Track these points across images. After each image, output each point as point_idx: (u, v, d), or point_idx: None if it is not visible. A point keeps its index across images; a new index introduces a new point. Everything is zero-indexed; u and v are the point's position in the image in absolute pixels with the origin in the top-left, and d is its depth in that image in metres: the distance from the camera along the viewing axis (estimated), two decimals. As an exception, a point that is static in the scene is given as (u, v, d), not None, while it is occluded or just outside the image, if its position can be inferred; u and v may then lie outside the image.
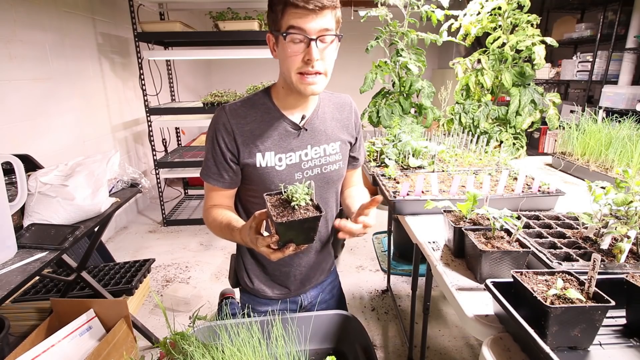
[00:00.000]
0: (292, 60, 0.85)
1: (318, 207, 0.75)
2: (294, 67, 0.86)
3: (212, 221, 0.96)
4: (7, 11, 2.24)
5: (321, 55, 0.85)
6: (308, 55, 0.83)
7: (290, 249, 0.75)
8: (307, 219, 0.72)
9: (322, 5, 0.80)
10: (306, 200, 0.76)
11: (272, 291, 1.11)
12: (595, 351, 0.68)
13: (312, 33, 0.82)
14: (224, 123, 0.94)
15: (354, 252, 2.99)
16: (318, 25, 0.82)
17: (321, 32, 0.82)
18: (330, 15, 0.83)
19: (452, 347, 1.96)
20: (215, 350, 0.73)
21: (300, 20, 0.81)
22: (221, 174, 0.97)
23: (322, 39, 0.83)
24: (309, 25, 0.81)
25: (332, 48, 0.87)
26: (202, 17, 3.86)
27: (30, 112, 2.41)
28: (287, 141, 0.96)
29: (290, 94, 0.94)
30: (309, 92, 0.89)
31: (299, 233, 0.74)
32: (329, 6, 0.82)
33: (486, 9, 2.11)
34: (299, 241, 0.76)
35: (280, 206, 0.76)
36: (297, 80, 0.87)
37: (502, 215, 0.92)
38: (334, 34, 0.85)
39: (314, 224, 0.74)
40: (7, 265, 1.07)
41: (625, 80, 3.44)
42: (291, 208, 0.75)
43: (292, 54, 0.84)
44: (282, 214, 0.73)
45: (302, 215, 0.73)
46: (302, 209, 0.75)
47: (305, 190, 0.77)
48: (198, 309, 0.96)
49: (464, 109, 2.20)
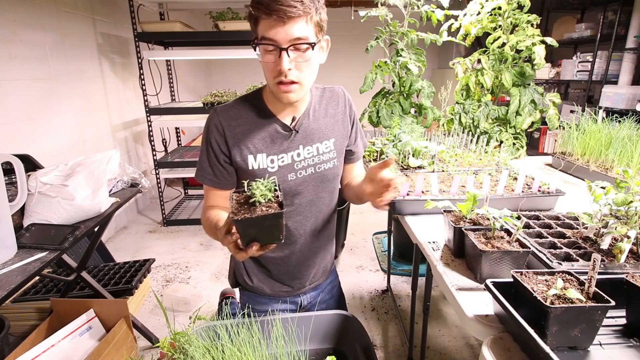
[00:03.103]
0: (268, 68, 0.85)
1: (281, 203, 0.72)
2: (271, 76, 0.86)
3: (205, 221, 0.96)
4: (7, 11, 2.24)
5: (295, 64, 0.84)
6: (279, 66, 0.83)
7: (253, 248, 0.72)
8: (266, 216, 0.68)
9: (289, 14, 0.78)
10: (268, 196, 0.73)
11: (272, 289, 1.11)
12: (595, 351, 0.68)
13: (283, 43, 0.81)
14: (215, 124, 0.94)
15: (354, 252, 2.99)
16: (288, 35, 0.80)
17: (292, 41, 0.81)
18: (302, 23, 0.81)
19: (452, 347, 1.96)
20: (215, 350, 0.73)
21: (271, 31, 0.80)
22: (215, 174, 0.97)
23: (293, 48, 0.82)
24: (278, 36, 0.80)
25: (307, 56, 0.84)
26: (202, 17, 3.86)
27: (30, 112, 2.41)
28: (278, 142, 0.96)
29: (276, 98, 0.94)
30: (286, 101, 0.90)
31: (261, 231, 0.71)
32: (299, 14, 0.79)
33: (486, 9, 2.11)
34: (264, 240, 0.73)
35: (245, 204, 0.73)
36: (276, 89, 0.88)
37: (502, 215, 0.92)
38: (307, 43, 0.82)
39: (275, 222, 0.70)
40: (7, 265, 1.07)
41: (625, 80, 3.44)
42: (252, 205, 0.72)
43: (266, 63, 0.85)
44: (242, 211, 0.71)
45: (261, 212, 0.69)
46: (264, 205, 0.72)
47: (268, 186, 0.74)
48: (198, 309, 0.96)
49: (464, 109, 2.20)
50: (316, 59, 0.89)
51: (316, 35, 0.85)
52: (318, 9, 0.84)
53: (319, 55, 0.90)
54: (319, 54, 0.90)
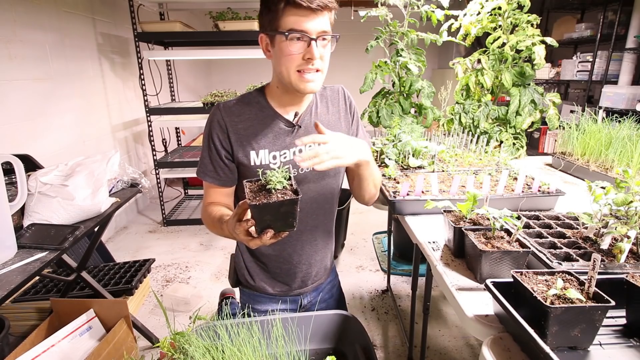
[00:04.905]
0: (292, 58, 0.86)
1: (296, 191, 0.73)
2: (293, 65, 0.87)
3: (207, 217, 0.97)
4: (7, 11, 2.24)
5: (320, 54, 0.86)
6: (309, 55, 0.85)
7: (267, 235, 0.73)
8: (282, 202, 0.70)
9: (324, 5, 0.82)
10: (283, 183, 0.75)
11: (273, 288, 1.11)
12: (595, 351, 0.68)
13: (313, 33, 0.84)
14: (218, 121, 0.95)
15: (354, 252, 2.99)
16: (318, 25, 0.84)
17: (321, 32, 0.85)
18: (327, 17, 0.86)
19: (452, 347, 1.96)
20: (215, 350, 0.73)
21: (301, 20, 0.82)
22: (217, 171, 0.98)
23: (321, 39, 0.86)
24: (309, 25, 0.83)
25: (329, 48, 0.90)
26: (202, 17, 3.86)
27: (30, 112, 2.41)
28: (281, 139, 0.97)
29: (285, 93, 0.95)
30: (308, 90, 0.90)
31: (276, 218, 0.73)
32: (330, 7, 0.84)
33: (486, 9, 2.11)
34: (278, 227, 0.74)
35: (259, 191, 0.75)
36: (296, 78, 0.88)
37: (502, 215, 0.92)
38: (331, 34, 0.87)
39: (291, 208, 0.72)
40: (7, 265, 1.07)
41: (625, 80, 3.44)
42: (267, 192, 0.73)
43: (291, 52, 0.85)
44: (258, 197, 0.72)
45: (277, 198, 0.71)
46: (279, 192, 0.73)
47: (284, 174, 0.76)
48: (198, 309, 0.96)
49: (464, 109, 2.20)
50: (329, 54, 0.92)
51: None
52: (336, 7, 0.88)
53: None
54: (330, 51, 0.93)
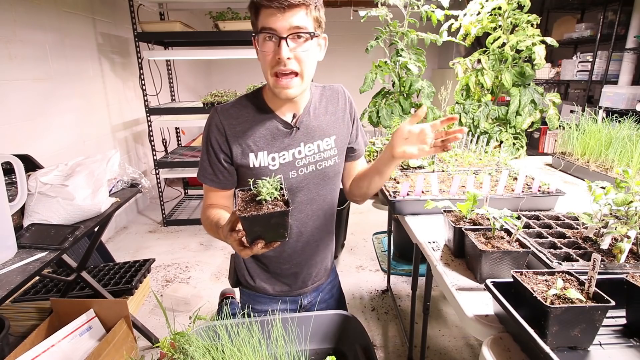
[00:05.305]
0: (265, 60, 0.86)
1: (287, 202, 0.73)
2: (268, 68, 0.87)
3: (205, 220, 0.97)
4: (7, 11, 2.24)
5: (294, 54, 0.84)
6: (278, 54, 0.83)
7: (258, 245, 0.73)
8: (272, 214, 0.70)
9: (288, 3, 0.80)
10: (274, 195, 0.74)
11: (274, 288, 1.11)
12: (595, 351, 0.68)
13: (282, 31, 0.82)
14: (216, 124, 0.95)
15: (354, 252, 2.99)
16: (287, 23, 0.81)
17: (291, 29, 0.82)
18: (303, 14, 0.83)
19: (452, 347, 1.96)
20: (215, 350, 0.73)
21: (270, 19, 0.81)
22: (216, 174, 0.98)
23: (293, 37, 0.83)
24: (278, 24, 0.81)
25: (306, 47, 0.85)
26: (202, 17, 3.86)
27: (30, 112, 2.41)
28: (279, 140, 0.96)
29: (274, 93, 0.95)
30: (283, 95, 0.89)
31: (266, 229, 0.73)
32: (299, 4, 0.81)
33: (486, 9, 2.11)
34: (269, 238, 0.74)
35: (251, 201, 0.75)
36: (273, 82, 0.88)
37: (502, 215, 0.92)
38: (306, 32, 0.84)
39: (281, 220, 0.72)
40: (7, 265, 1.07)
41: (625, 80, 3.44)
42: (258, 203, 0.73)
43: (264, 53, 0.85)
44: (249, 209, 0.72)
45: (267, 210, 0.71)
46: (270, 203, 0.73)
47: (274, 185, 0.76)
48: (198, 309, 0.96)
49: (464, 109, 2.20)
50: (314, 53, 0.89)
51: (315, 30, 0.87)
52: (317, 6, 0.86)
53: (316, 50, 0.91)
54: (316, 50, 0.91)
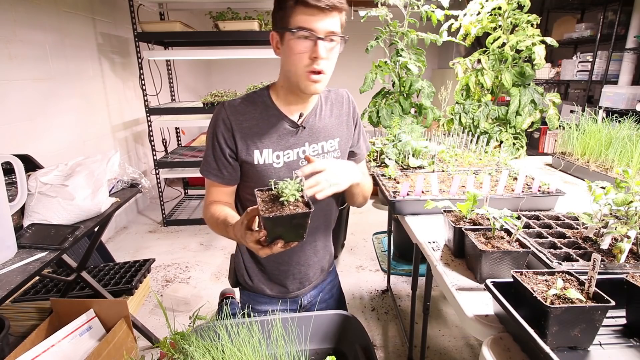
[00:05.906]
0: (299, 57, 0.86)
1: (308, 203, 0.74)
2: (300, 65, 0.87)
3: (210, 217, 0.97)
4: (7, 11, 2.24)
5: (326, 54, 0.86)
6: (315, 53, 0.84)
7: (278, 245, 0.74)
8: (295, 215, 0.71)
9: (332, 5, 0.82)
10: (296, 196, 0.75)
11: (271, 290, 1.11)
12: (595, 351, 0.68)
13: (321, 32, 0.83)
14: (223, 119, 0.95)
15: (354, 252, 2.99)
16: (326, 25, 0.83)
17: (329, 32, 0.84)
18: (338, 18, 0.86)
19: (452, 347, 1.96)
20: (215, 350, 0.73)
21: (310, 19, 0.82)
22: (220, 169, 0.98)
23: (329, 39, 0.85)
24: (317, 25, 0.83)
25: (336, 50, 0.89)
26: (202, 17, 3.85)
27: (30, 112, 2.41)
28: (285, 139, 0.97)
29: (290, 92, 0.95)
30: (312, 91, 0.90)
31: (287, 230, 0.73)
32: (338, 7, 0.84)
33: (486, 9, 2.11)
34: (288, 238, 0.75)
35: (271, 202, 0.76)
36: (303, 78, 0.88)
37: (502, 215, 0.92)
38: (339, 36, 0.87)
39: (302, 221, 0.73)
40: (7, 265, 1.07)
41: (625, 80, 3.44)
42: (280, 204, 0.74)
43: (299, 51, 0.85)
44: (271, 209, 0.73)
45: (290, 211, 0.71)
46: (291, 205, 0.74)
47: (296, 187, 0.76)
48: (198, 309, 0.96)
49: (464, 109, 2.20)
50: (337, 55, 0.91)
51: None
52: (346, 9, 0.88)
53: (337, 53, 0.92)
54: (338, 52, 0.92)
